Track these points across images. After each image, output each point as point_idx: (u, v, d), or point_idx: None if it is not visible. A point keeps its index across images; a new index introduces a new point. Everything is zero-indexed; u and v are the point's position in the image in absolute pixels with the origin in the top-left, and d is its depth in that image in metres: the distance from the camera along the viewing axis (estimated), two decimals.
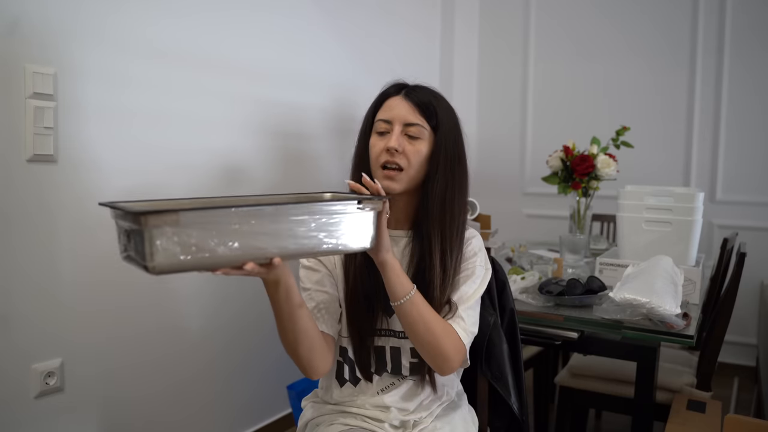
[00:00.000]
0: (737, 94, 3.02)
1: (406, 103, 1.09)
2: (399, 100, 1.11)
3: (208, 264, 0.72)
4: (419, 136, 1.09)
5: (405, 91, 1.12)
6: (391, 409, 1.14)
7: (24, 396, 1.50)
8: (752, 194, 3.01)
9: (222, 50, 1.98)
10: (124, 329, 1.72)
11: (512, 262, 2.13)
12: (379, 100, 1.15)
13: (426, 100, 1.10)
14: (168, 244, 0.68)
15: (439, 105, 1.11)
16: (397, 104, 1.10)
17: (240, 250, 0.73)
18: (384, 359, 1.15)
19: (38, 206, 1.50)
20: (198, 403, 1.98)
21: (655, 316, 1.42)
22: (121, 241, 0.77)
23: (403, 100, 1.10)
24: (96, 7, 1.59)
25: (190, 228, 0.69)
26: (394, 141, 1.07)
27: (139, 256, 0.69)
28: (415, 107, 1.09)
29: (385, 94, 1.14)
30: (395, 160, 1.07)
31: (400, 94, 1.12)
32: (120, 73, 1.66)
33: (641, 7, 3.20)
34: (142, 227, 0.67)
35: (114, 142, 1.67)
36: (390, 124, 1.09)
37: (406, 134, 1.09)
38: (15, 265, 1.46)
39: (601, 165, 2.41)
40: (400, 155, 1.07)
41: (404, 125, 1.08)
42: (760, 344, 2.80)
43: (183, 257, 0.69)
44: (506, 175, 3.61)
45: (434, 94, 1.13)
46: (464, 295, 1.10)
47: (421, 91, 1.12)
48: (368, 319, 1.12)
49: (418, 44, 3.21)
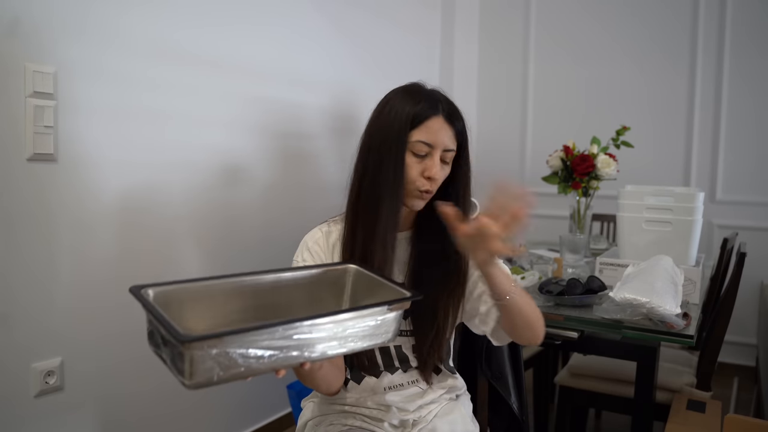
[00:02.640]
0: (737, 93, 3.02)
1: (449, 129, 1.07)
2: (442, 123, 1.06)
3: (243, 375, 0.72)
4: (450, 161, 1.09)
5: (447, 114, 1.07)
6: (391, 409, 1.14)
7: (24, 395, 1.50)
8: (752, 194, 3.01)
9: (222, 49, 1.98)
10: (123, 328, 1.72)
11: (512, 261, 2.13)
12: (418, 117, 1.06)
13: (462, 125, 1.09)
14: (207, 364, 0.68)
15: (465, 123, 1.10)
16: (440, 128, 1.06)
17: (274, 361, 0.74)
18: (390, 356, 1.15)
19: (38, 205, 1.50)
20: (198, 401, 1.98)
21: (655, 316, 1.42)
22: (154, 336, 0.77)
23: (445, 125, 1.06)
24: (96, 6, 1.59)
25: (230, 347, 0.69)
26: (438, 171, 1.05)
27: (175, 368, 0.69)
28: (455, 134, 1.07)
29: (425, 112, 1.06)
30: (431, 188, 1.07)
31: (441, 114, 1.06)
32: (120, 71, 1.66)
33: (642, 7, 3.20)
34: (183, 349, 0.66)
35: (114, 140, 1.66)
36: (432, 147, 1.05)
37: (442, 159, 1.07)
38: (15, 264, 1.46)
39: (601, 165, 2.40)
40: (437, 181, 1.07)
41: (443, 151, 1.07)
42: (760, 344, 2.80)
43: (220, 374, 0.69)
44: (507, 175, 3.61)
45: (461, 113, 1.10)
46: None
47: (457, 112, 1.09)
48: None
49: (418, 44, 3.21)
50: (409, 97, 1.07)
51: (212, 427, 2.04)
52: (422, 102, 1.06)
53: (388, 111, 1.08)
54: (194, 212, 1.93)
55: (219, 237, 2.03)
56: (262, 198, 2.18)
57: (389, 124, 1.06)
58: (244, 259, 2.10)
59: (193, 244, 1.94)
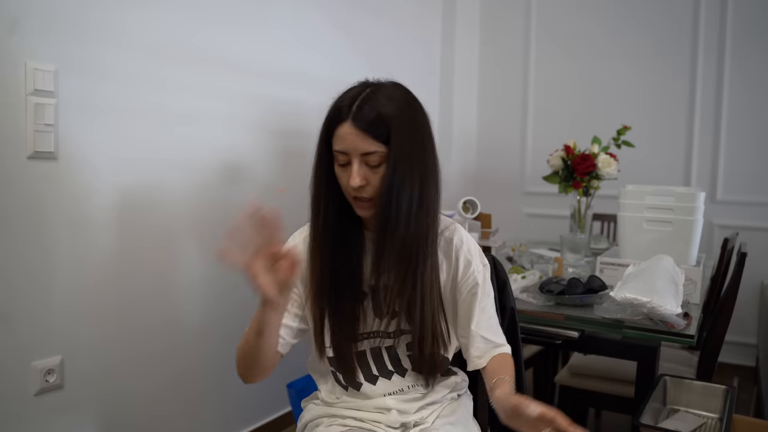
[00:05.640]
0: (738, 93, 3.02)
1: (356, 131, 0.99)
2: (348, 127, 1.00)
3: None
4: (379, 163, 1.01)
5: (354, 116, 0.99)
6: (392, 411, 1.13)
7: (24, 393, 1.50)
8: (753, 194, 3.01)
9: (223, 48, 1.98)
10: (123, 326, 1.72)
11: (513, 261, 2.13)
12: (327, 126, 1.04)
13: (373, 118, 0.99)
14: None
15: (390, 118, 1.00)
16: (347, 133, 1.00)
17: None
18: (383, 361, 1.14)
19: (38, 203, 1.50)
20: (198, 400, 1.98)
21: (656, 316, 1.42)
22: None
23: (352, 128, 0.99)
24: (97, 5, 1.58)
25: None
26: (356, 179, 1.00)
27: None
28: (365, 133, 0.99)
29: (332, 121, 1.03)
30: (363, 195, 1.03)
31: (348, 118, 1.00)
32: (121, 70, 1.66)
33: (643, 7, 3.20)
34: None
35: (114, 138, 1.66)
36: (347, 155, 1.02)
37: (366, 163, 1.01)
38: (15, 262, 1.46)
39: (601, 164, 2.40)
40: (366, 187, 1.02)
41: (361, 155, 1.00)
42: (760, 344, 2.80)
43: None
44: (507, 174, 3.61)
45: (382, 102, 1.00)
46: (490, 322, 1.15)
47: (368, 107, 1.00)
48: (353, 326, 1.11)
49: (418, 43, 3.21)
50: (330, 106, 1.05)
51: (212, 426, 2.04)
52: (332, 109, 1.03)
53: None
54: (194, 210, 1.92)
55: (219, 235, 2.02)
56: (262, 196, 2.18)
57: (319, 136, 1.07)
58: None
59: (194, 242, 1.94)
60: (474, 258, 1.14)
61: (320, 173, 1.08)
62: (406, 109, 1.03)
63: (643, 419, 1.27)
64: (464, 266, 1.13)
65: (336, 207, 1.08)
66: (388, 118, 1.00)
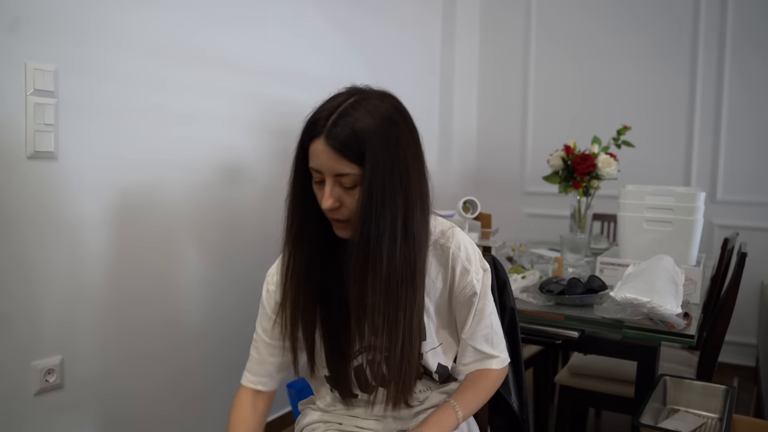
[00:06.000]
0: (738, 93, 3.02)
1: (329, 150, 0.91)
2: (321, 145, 0.92)
3: None
4: (353, 185, 0.93)
5: (327, 132, 0.91)
6: (387, 419, 1.12)
7: (24, 393, 1.50)
8: (753, 194, 3.01)
9: (223, 48, 1.98)
10: (123, 326, 1.72)
11: (513, 261, 2.13)
12: (302, 141, 0.97)
13: (346, 136, 0.90)
14: None
15: (365, 132, 0.91)
16: (320, 151, 0.92)
17: None
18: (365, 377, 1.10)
19: (38, 203, 1.50)
20: (198, 400, 1.98)
21: (656, 316, 1.42)
22: None
23: (325, 147, 0.91)
24: (97, 5, 1.58)
25: None
26: (328, 201, 0.93)
27: None
28: (339, 153, 0.91)
29: (306, 134, 0.95)
30: (337, 217, 0.97)
31: (321, 134, 0.92)
32: (121, 70, 1.66)
33: (643, 6, 3.20)
34: None
35: (114, 138, 1.66)
36: (322, 174, 0.94)
37: (341, 184, 0.94)
38: (15, 262, 1.46)
39: (602, 164, 2.40)
40: (340, 209, 0.96)
41: (335, 176, 0.93)
42: (760, 344, 2.80)
43: None
44: (507, 174, 3.61)
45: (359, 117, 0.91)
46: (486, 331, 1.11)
47: (343, 122, 0.91)
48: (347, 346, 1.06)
49: (419, 43, 3.21)
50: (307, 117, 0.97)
51: (212, 426, 2.04)
52: (308, 122, 0.95)
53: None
54: (194, 211, 1.92)
55: (219, 235, 2.03)
56: (262, 196, 2.18)
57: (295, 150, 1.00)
58: (244, 258, 2.10)
59: (194, 243, 1.94)
60: (472, 265, 1.07)
61: (296, 190, 1.00)
62: (386, 125, 0.93)
63: (643, 419, 1.27)
64: (461, 274, 1.06)
65: (315, 224, 1.01)
66: (363, 136, 0.91)
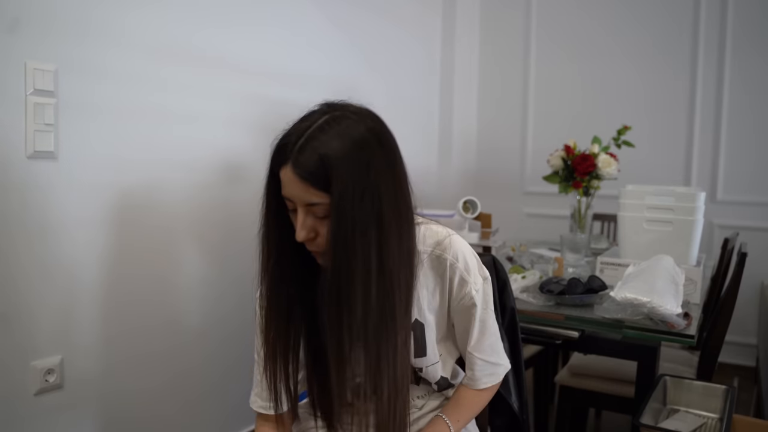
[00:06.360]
0: (738, 93, 3.02)
1: (296, 179, 0.86)
2: (289, 173, 0.87)
3: None
4: (325, 215, 0.88)
5: (294, 159, 0.86)
6: None
7: (24, 393, 1.50)
8: (753, 194, 3.01)
9: (223, 47, 1.98)
10: (123, 326, 1.72)
11: (513, 261, 2.13)
12: (272, 167, 0.93)
13: (313, 164, 0.85)
14: None
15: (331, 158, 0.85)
16: (289, 180, 0.88)
17: None
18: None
19: (38, 203, 1.50)
20: (198, 400, 1.98)
21: (656, 316, 1.42)
22: None
23: (293, 175, 0.86)
24: (97, 4, 1.58)
25: None
26: (301, 233, 0.88)
27: None
28: (305, 181, 0.86)
29: (274, 160, 0.91)
30: (314, 249, 0.93)
31: (288, 162, 0.87)
32: (121, 69, 1.66)
33: (643, 6, 3.20)
34: None
35: (114, 138, 1.66)
36: (293, 202, 0.90)
37: (313, 214, 0.89)
38: (14, 262, 1.46)
39: (602, 164, 2.40)
40: (318, 239, 0.91)
41: (306, 206, 0.88)
42: (760, 344, 2.80)
43: None
44: (507, 174, 3.61)
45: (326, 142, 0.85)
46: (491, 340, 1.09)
47: (309, 148, 0.86)
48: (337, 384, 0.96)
49: (419, 43, 3.21)
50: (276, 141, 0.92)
51: (213, 426, 2.04)
52: (276, 147, 0.91)
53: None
54: (195, 210, 1.92)
55: (220, 235, 2.03)
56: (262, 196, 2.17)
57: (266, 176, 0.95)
58: (245, 257, 2.10)
59: (194, 242, 1.94)
60: (470, 275, 1.02)
61: (269, 220, 0.95)
62: (355, 149, 0.86)
63: (643, 419, 1.27)
64: (459, 285, 1.02)
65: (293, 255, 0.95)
66: (329, 162, 0.84)
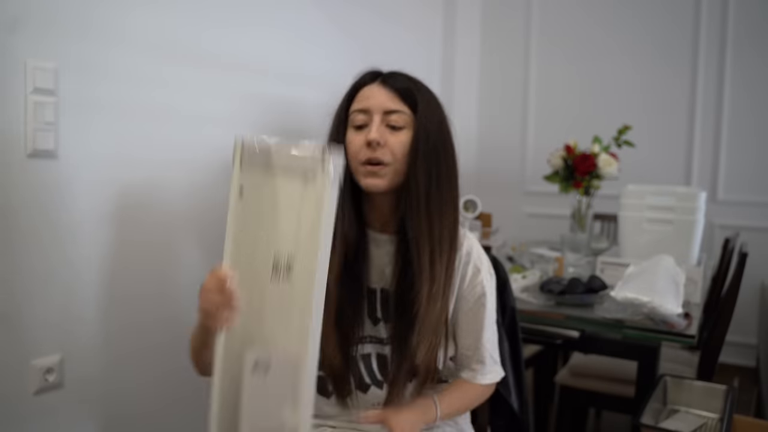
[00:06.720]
0: (739, 93, 3.02)
1: (384, 90, 1.00)
2: (376, 87, 1.01)
3: None
4: (402, 125, 0.99)
5: (381, 78, 1.02)
6: None
7: (23, 392, 1.49)
8: (754, 194, 3.00)
9: (223, 46, 1.98)
10: (123, 325, 1.72)
11: (513, 260, 2.13)
12: (352, 90, 1.05)
13: (405, 85, 1.01)
14: None
15: (420, 90, 1.01)
16: (374, 92, 1.00)
17: None
18: (371, 369, 1.07)
19: (38, 201, 1.50)
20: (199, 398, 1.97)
21: (657, 316, 1.42)
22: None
23: (380, 88, 1.00)
24: (98, 3, 1.58)
25: None
26: (375, 132, 0.96)
27: None
28: (395, 93, 0.99)
29: (358, 83, 1.04)
30: (377, 156, 0.97)
31: (375, 81, 1.02)
32: (121, 68, 1.66)
33: (643, 6, 3.20)
34: None
35: (115, 137, 1.66)
36: (368, 114, 0.99)
37: (388, 124, 0.99)
38: (14, 262, 1.46)
39: (602, 164, 2.40)
40: (383, 149, 0.97)
41: (384, 114, 0.98)
42: (761, 344, 2.80)
43: None
44: (507, 174, 3.61)
45: (413, 80, 1.04)
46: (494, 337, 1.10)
47: (399, 76, 1.03)
48: (352, 329, 1.04)
49: (419, 43, 3.20)
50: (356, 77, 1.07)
51: None
52: (360, 76, 1.06)
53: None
54: (195, 209, 1.92)
55: (220, 234, 2.02)
56: None
57: (335, 111, 1.07)
58: None
59: (194, 242, 1.94)
60: (483, 266, 1.08)
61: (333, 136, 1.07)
62: (436, 100, 1.05)
63: (644, 419, 1.27)
64: (473, 273, 1.06)
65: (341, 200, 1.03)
66: (418, 87, 1.01)
